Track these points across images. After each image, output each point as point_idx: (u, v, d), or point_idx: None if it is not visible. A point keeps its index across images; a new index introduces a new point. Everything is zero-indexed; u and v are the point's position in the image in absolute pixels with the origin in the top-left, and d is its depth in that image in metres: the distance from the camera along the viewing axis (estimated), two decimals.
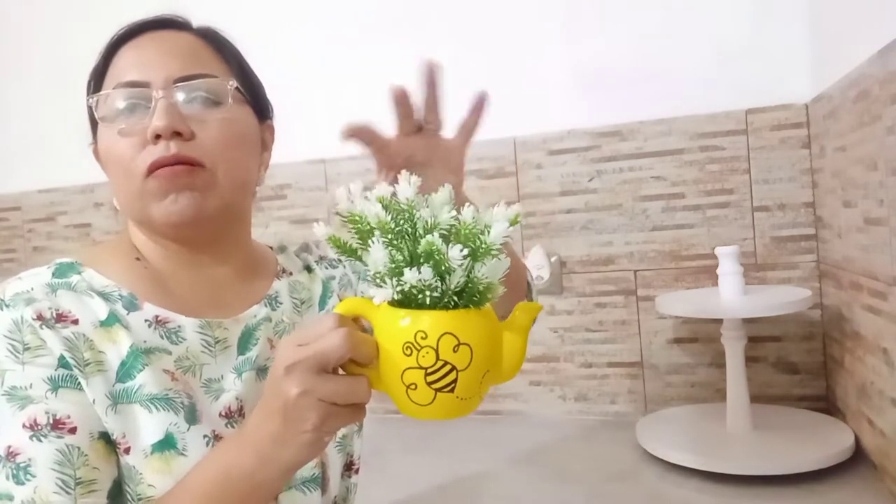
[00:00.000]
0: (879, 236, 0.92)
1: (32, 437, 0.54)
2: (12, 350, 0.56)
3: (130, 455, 0.57)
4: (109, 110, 0.63)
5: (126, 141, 0.62)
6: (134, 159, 0.61)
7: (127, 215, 0.66)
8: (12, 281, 0.60)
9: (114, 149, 0.62)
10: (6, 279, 0.62)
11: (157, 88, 0.63)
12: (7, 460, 0.53)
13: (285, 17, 1.61)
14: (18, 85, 1.85)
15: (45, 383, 0.56)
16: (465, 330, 0.47)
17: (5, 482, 0.53)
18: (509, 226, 0.48)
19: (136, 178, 0.62)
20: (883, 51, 0.86)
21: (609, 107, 1.41)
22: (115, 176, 0.64)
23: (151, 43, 0.67)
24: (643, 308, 1.39)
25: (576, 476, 1.12)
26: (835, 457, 1.03)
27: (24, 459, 0.53)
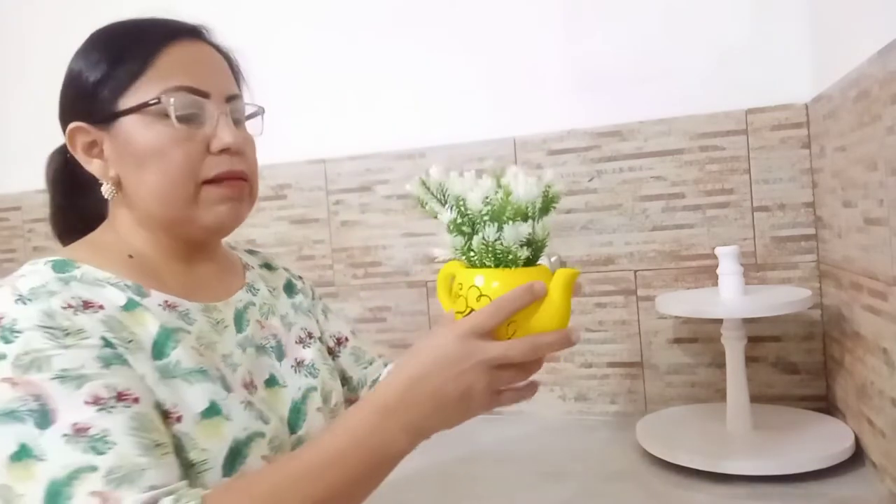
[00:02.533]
0: (879, 236, 0.92)
1: (100, 410, 0.55)
2: (52, 337, 0.57)
3: (182, 423, 0.60)
4: (161, 110, 0.65)
5: (185, 146, 0.66)
6: (195, 166, 0.66)
7: (152, 211, 0.68)
8: (17, 279, 0.60)
9: (167, 150, 0.65)
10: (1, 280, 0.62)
11: (217, 102, 0.68)
12: (77, 437, 0.54)
13: (285, 18, 1.61)
14: (18, 85, 1.85)
15: (96, 361, 0.57)
16: (486, 285, 0.60)
17: (83, 456, 0.53)
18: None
19: (191, 182, 0.66)
20: (883, 51, 0.86)
21: (609, 107, 1.41)
22: (148, 170, 0.66)
23: (201, 54, 0.71)
24: (643, 308, 1.39)
25: (576, 476, 1.12)
26: (835, 457, 1.03)
27: (98, 431, 0.54)
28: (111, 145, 0.67)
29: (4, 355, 0.55)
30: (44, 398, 0.54)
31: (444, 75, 1.51)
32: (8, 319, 0.56)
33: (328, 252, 1.60)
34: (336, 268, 1.59)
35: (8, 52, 1.86)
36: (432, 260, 1.52)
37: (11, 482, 0.53)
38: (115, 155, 0.67)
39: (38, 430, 0.53)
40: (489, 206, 0.61)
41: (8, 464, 0.53)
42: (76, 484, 0.52)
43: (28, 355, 0.55)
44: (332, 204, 1.59)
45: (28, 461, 0.53)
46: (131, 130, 0.66)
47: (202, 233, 0.70)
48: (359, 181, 1.57)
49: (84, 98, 0.67)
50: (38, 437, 0.53)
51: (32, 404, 0.54)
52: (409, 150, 1.53)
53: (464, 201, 0.62)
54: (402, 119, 1.54)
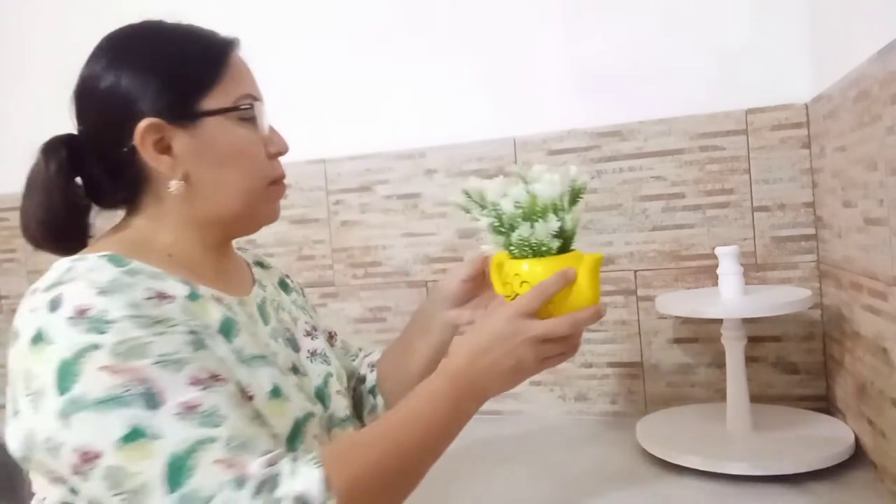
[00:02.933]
0: (879, 236, 0.92)
1: (203, 390, 0.58)
2: (143, 325, 0.59)
3: (255, 401, 0.65)
4: (243, 114, 0.71)
5: (260, 149, 0.73)
6: (265, 166, 0.74)
7: (225, 208, 0.72)
8: (86, 274, 0.61)
9: (249, 151, 0.72)
10: (44, 278, 0.63)
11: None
12: (189, 414, 0.57)
13: (286, 18, 1.61)
14: (18, 85, 1.85)
15: (187, 346, 0.61)
16: (526, 273, 0.72)
17: (199, 430, 0.56)
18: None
19: (263, 181, 0.73)
20: (883, 51, 0.86)
21: (609, 107, 1.41)
22: (230, 170, 0.71)
23: (246, 63, 0.76)
24: (643, 308, 1.39)
25: (576, 476, 1.12)
26: (835, 457, 1.03)
27: (207, 408, 0.58)
28: (188, 144, 0.68)
29: (99, 345, 0.56)
30: (149, 382, 0.56)
31: (444, 75, 1.51)
32: (96, 311, 0.58)
33: (328, 252, 1.60)
34: (336, 268, 1.59)
35: (8, 52, 1.86)
36: (432, 260, 1.52)
37: (124, 463, 0.55)
38: (190, 153, 0.69)
39: (149, 412, 0.55)
40: (520, 209, 0.71)
41: (119, 446, 0.55)
42: (198, 455, 0.55)
43: (125, 343, 0.57)
44: (332, 204, 1.59)
45: (142, 441, 0.55)
46: (215, 132, 0.69)
47: (256, 229, 0.76)
48: (359, 181, 1.57)
49: (159, 96, 0.68)
50: (149, 418, 0.55)
51: (138, 388, 0.56)
52: (409, 150, 1.53)
53: (499, 206, 0.73)
54: (402, 119, 1.54)
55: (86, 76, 0.71)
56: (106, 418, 0.55)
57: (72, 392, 0.56)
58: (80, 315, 0.58)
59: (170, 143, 0.68)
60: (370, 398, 0.92)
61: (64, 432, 0.56)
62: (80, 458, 0.55)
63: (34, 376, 0.57)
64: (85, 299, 0.58)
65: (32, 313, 0.60)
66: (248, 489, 0.55)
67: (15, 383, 0.60)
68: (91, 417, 0.55)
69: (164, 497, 0.54)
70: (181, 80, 0.69)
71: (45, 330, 0.58)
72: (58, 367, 0.56)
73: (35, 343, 0.58)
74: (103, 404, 0.55)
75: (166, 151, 0.68)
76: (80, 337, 0.57)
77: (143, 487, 0.54)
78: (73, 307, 0.58)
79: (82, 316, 0.57)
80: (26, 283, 1.84)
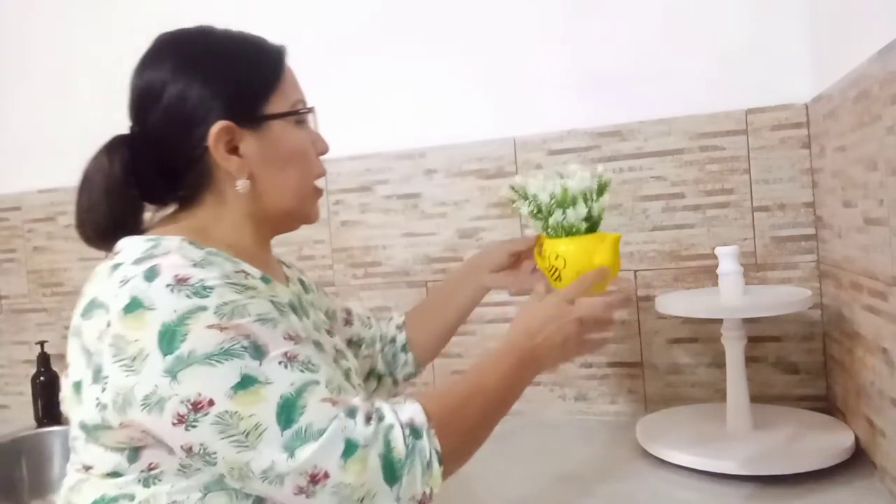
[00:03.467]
0: (879, 236, 0.92)
1: (296, 344, 0.65)
2: (239, 291, 0.65)
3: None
4: (299, 119, 0.78)
5: (310, 147, 0.80)
6: (316, 164, 0.81)
7: (282, 205, 0.78)
8: (179, 250, 0.67)
9: (306, 152, 0.79)
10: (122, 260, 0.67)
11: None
12: (291, 362, 0.63)
13: (285, 19, 1.61)
14: (18, 85, 1.85)
15: (273, 310, 0.66)
16: (561, 250, 0.90)
17: (303, 374, 0.63)
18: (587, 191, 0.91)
19: (312, 179, 0.81)
20: (883, 51, 0.86)
21: (609, 107, 1.41)
22: (290, 170, 0.77)
23: (292, 69, 0.82)
24: (643, 308, 1.39)
25: (576, 476, 1.12)
26: (835, 457, 1.03)
27: (304, 357, 0.65)
28: (254, 145, 0.74)
29: (205, 307, 0.62)
30: (253, 336, 0.62)
31: (444, 75, 1.51)
32: (196, 279, 0.63)
33: (328, 252, 1.60)
34: (336, 268, 1.59)
35: (8, 52, 1.86)
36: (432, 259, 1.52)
37: (237, 407, 0.60)
38: (256, 154, 0.74)
39: (257, 362, 0.61)
40: (554, 199, 0.89)
41: (232, 393, 0.60)
42: (306, 395, 0.62)
43: (227, 305, 0.63)
44: (332, 204, 1.59)
45: (254, 387, 0.61)
46: (279, 134, 0.75)
47: (297, 226, 0.83)
48: (359, 181, 1.57)
49: (229, 101, 0.72)
50: (257, 367, 0.61)
51: (245, 342, 0.62)
52: (409, 150, 1.53)
53: (538, 198, 0.91)
54: (402, 119, 1.54)
55: (150, 80, 0.73)
56: (218, 370, 0.60)
57: (179, 350, 0.60)
58: (181, 283, 0.62)
59: (237, 144, 0.73)
60: (402, 355, 1.03)
61: (173, 387, 0.60)
62: (191, 407, 0.60)
63: (129, 342, 0.61)
64: (183, 270, 0.63)
65: (124, 284, 0.63)
66: (359, 417, 0.62)
67: (98, 352, 0.63)
68: (201, 371, 0.60)
69: (279, 434, 0.60)
70: (248, 85, 0.74)
71: (143, 298, 0.62)
72: (160, 331, 0.61)
73: (130, 311, 0.62)
74: (214, 357, 0.60)
75: (234, 152, 0.73)
76: (182, 302, 0.61)
77: (257, 428, 0.60)
78: (172, 276, 0.63)
79: (183, 283, 0.62)
80: (26, 283, 1.84)
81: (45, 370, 1.74)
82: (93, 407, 0.64)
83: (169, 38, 0.76)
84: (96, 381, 0.64)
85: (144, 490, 0.65)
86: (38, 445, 1.68)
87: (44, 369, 1.74)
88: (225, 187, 0.74)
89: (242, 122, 0.73)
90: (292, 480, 0.60)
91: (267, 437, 0.60)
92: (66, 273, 1.81)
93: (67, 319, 1.76)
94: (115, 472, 0.66)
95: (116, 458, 0.66)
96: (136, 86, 0.75)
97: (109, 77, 1.79)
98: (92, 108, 1.78)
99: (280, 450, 0.60)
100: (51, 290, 1.83)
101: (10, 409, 1.87)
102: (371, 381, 1.01)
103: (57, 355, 1.79)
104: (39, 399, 1.73)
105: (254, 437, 0.60)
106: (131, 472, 0.65)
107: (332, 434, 0.60)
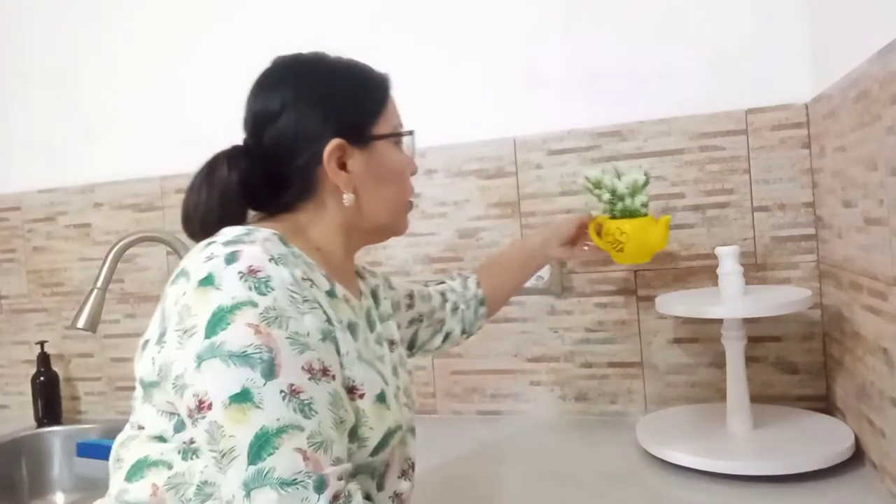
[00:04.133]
0: (879, 236, 0.92)
1: (310, 380, 0.64)
2: (294, 301, 0.66)
3: (363, 401, 0.71)
4: (398, 141, 0.84)
5: (407, 167, 0.85)
6: (410, 183, 0.86)
7: (380, 219, 0.83)
8: (263, 242, 0.69)
9: (405, 172, 0.85)
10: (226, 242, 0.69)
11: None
12: (291, 396, 0.62)
13: (283, 18, 1.61)
14: (18, 85, 1.85)
15: (317, 333, 0.67)
16: (626, 228, 1.14)
17: (293, 415, 0.62)
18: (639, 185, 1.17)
19: (407, 196, 0.86)
20: (883, 51, 0.86)
21: (609, 107, 1.41)
22: (390, 187, 0.83)
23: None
24: (643, 308, 1.39)
25: (576, 476, 1.12)
26: (835, 457, 1.03)
27: (307, 397, 0.63)
28: (361, 162, 0.79)
29: (256, 304, 0.63)
30: (275, 352, 0.62)
31: (445, 75, 1.51)
32: (264, 274, 0.65)
33: None
34: None
35: (8, 52, 1.86)
36: (432, 259, 1.52)
37: (225, 421, 0.61)
38: (362, 171, 0.79)
39: (262, 380, 0.61)
40: (629, 188, 1.16)
41: (227, 403, 0.61)
42: (284, 437, 0.60)
43: (275, 311, 0.64)
44: None
45: (246, 405, 0.60)
46: (383, 153, 0.81)
47: (386, 238, 0.88)
48: None
49: (343, 122, 0.78)
50: (260, 386, 0.61)
51: (265, 354, 0.62)
52: None
53: (614, 187, 1.16)
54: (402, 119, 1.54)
55: (268, 103, 0.79)
56: (229, 372, 0.61)
57: (216, 337, 0.62)
58: (251, 273, 0.64)
59: (346, 160, 0.78)
60: (481, 308, 1.14)
61: (193, 376, 0.62)
62: (196, 405, 0.62)
63: (191, 314, 0.64)
64: (258, 261, 0.65)
65: (209, 261, 0.66)
66: (325, 495, 0.60)
67: (169, 316, 0.66)
68: (218, 367, 0.61)
69: (245, 467, 0.60)
70: (359, 108, 0.81)
71: (217, 276, 0.64)
72: (214, 311, 0.63)
73: (203, 285, 0.64)
74: (234, 358, 0.61)
75: (343, 168, 0.78)
76: (242, 291, 0.63)
77: (231, 451, 0.60)
78: (246, 265, 0.65)
79: (252, 275, 0.64)
80: (26, 283, 1.84)
81: (45, 370, 1.74)
82: (150, 364, 0.68)
83: (286, 62, 0.82)
84: (159, 342, 0.67)
85: (182, 462, 0.67)
86: (38, 445, 1.68)
87: (44, 369, 1.74)
88: (326, 198, 0.79)
89: (352, 140, 0.78)
90: None
91: (236, 465, 0.60)
92: (66, 273, 1.81)
93: (67, 319, 1.77)
94: (161, 436, 0.69)
95: (164, 424, 0.69)
96: (254, 107, 0.80)
97: (109, 77, 1.79)
98: (92, 108, 1.79)
99: (240, 485, 0.60)
100: (51, 290, 1.83)
101: (10, 409, 1.87)
102: (437, 338, 1.10)
103: (57, 355, 1.79)
104: (39, 399, 1.73)
105: (227, 461, 0.61)
106: (174, 441, 0.68)
107: (292, 496, 0.59)
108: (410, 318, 1.05)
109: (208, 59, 1.66)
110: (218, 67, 1.64)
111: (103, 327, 1.75)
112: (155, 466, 0.68)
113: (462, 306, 1.12)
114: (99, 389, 1.79)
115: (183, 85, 1.69)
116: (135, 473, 0.69)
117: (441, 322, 1.10)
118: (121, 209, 1.75)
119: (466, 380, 1.51)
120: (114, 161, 1.76)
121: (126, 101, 1.75)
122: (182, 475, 0.67)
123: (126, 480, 0.69)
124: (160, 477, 0.67)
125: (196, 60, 1.67)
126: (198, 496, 0.66)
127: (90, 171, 1.78)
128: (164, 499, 0.67)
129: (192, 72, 1.68)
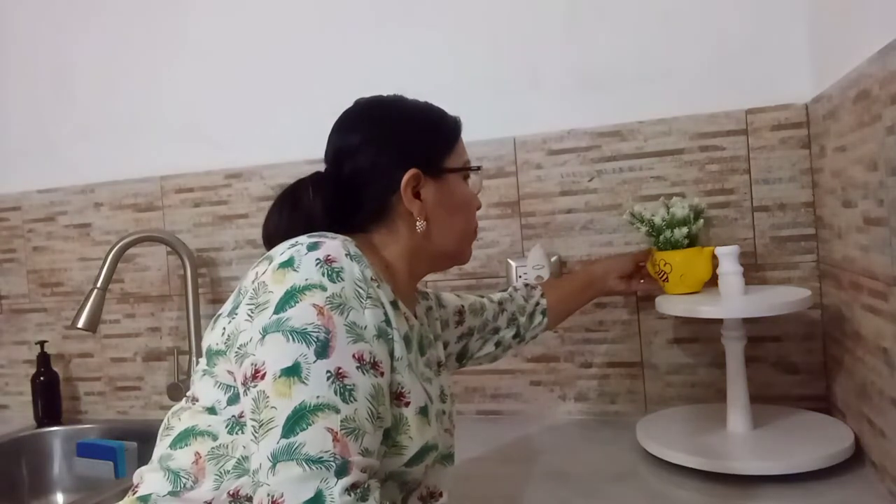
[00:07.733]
0: (879, 236, 0.92)
1: (358, 369, 0.66)
2: (358, 295, 0.70)
3: (408, 409, 0.73)
4: (467, 176, 0.91)
5: (474, 200, 0.91)
6: (475, 216, 0.92)
7: (446, 247, 0.87)
8: (342, 241, 0.73)
9: (472, 204, 0.91)
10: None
11: None
12: (336, 379, 0.64)
13: (283, 17, 1.61)
14: (18, 85, 1.85)
15: (374, 329, 0.70)
16: (669, 259, 1.19)
17: (333, 396, 0.64)
18: (688, 220, 1.20)
19: (473, 227, 0.91)
20: (883, 51, 0.86)
21: (609, 107, 1.41)
22: (458, 216, 0.88)
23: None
24: (643, 308, 1.39)
25: (576, 476, 1.12)
26: (835, 457, 1.03)
27: (351, 383, 0.65)
28: (433, 192, 0.85)
29: (325, 288, 0.67)
30: (332, 335, 0.65)
31: (444, 75, 1.51)
32: (338, 265, 0.69)
33: None
34: None
35: (8, 53, 1.86)
36: None
37: (271, 393, 0.63)
38: (433, 200, 0.85)
39: (314, 357, 0.64)
40: (665, 222, 1.20)
41: (277, 375, 0.63)
42: (319, 415, 0.62)
43: (340, 298, 0.68)
44: None
45: (293, 378, 0.63)
46: (454, 185, 0.88)
47: (449, 266, 0.94)
48: None
49: (420, 155, 0.84)
50: (311, 362, 0.64)
51: (322, 334, 0.65)
52: None
53: (652, 222, 1.22)
54: None
55: (349, 139, 0.85)
56: (287, 346, 0.64)
57: (283, 314, 0.66)
58: (327, 262, 0.69)
59: (420, 190, 0.84)
60: (539, 317, 1.18)
61: (256, 346, 0.66)
62: (252, 373, 0.65)
63: (267, 291, 0.68)
64: (335, 253, 0.70)
65: (293, 247, 0.71)
66: (345, 480, 0.61)
67: (245, 291, 0.71)
68: (279, 340, 0.65)
69: (277, 439, 0.61)
70: (434, 142, 0.87)
71: (297, 260, 0.69)
72: (287, 290, 0.67)
73: (283, 266, 0.69)
74: (294, 333, 0.65)
75: (417, 196, 0.84)
76: (316, 275, 0.68)
77: (270, 422, 0.62)
78: (325, 254, 0.70)
79: (328, 263, 0.69)
80: (26, 283, 1.84)
81: (45, 370, 1.74)
82: (220, 334, 0.72)
83: (373, 104, 0.89)
84: (231, 314, 0.72)
85: (227, 435, 0.70)
86: (38, 445, 1.68)
87: (44, 369, 1.74)
88: (399, 224, 0.84)
89: (427, 171, 0.84)
90: (260, 496, 0.61)
91: (270, 436, 0.62)
92: (66, 273, 1.81)
93: (67, 319, 1.77)
94: (212, 408, 0.72)
95: (219, 395, 0.72)
96: (336, 143, 0.87)
97: (109, 77, 1.79)
98: (92, 108, 1.79)
99: (269, 455, 0.61)
100: (51, 290, 1.83)
101: (10, 409, 1.87)
102: (487, 346, 1.13)
103: (57, 355, 1.79)
104: (39, 399, 1.73)
105: (263, 431, 0.62)
106: (224, 413, 0.71)
107: (313, 475, 0.60)
108: (460, 334, 1.08)
109: (208, 58, 1.66)
110: (218, 67, 1.64)
111: (103, 327, 1.75)
112: (201, 436, 0.71)
113: (520, 317, 1.16)
114: (99, 389, 1.79)
115: (183, 85, 1.69)
116: (180, 440, 0.72)
117: (494, 331, 1.13)
118: (121, 209, 1.75)
119: (466, 380, 1.51)
120: (114, 161, 1.76)
121: (126, 101, 1.75)
122: (226, 447, 0.70)
123: (170, 447, 0.72)
124: (204, 446, 0.71)
125: (196, 60, 1.67)
126: (236, 469, 0.69)
127: (90, 170, 1.78)
128: (204, 468, 0.70)
129: (191, 72, 1.68)
